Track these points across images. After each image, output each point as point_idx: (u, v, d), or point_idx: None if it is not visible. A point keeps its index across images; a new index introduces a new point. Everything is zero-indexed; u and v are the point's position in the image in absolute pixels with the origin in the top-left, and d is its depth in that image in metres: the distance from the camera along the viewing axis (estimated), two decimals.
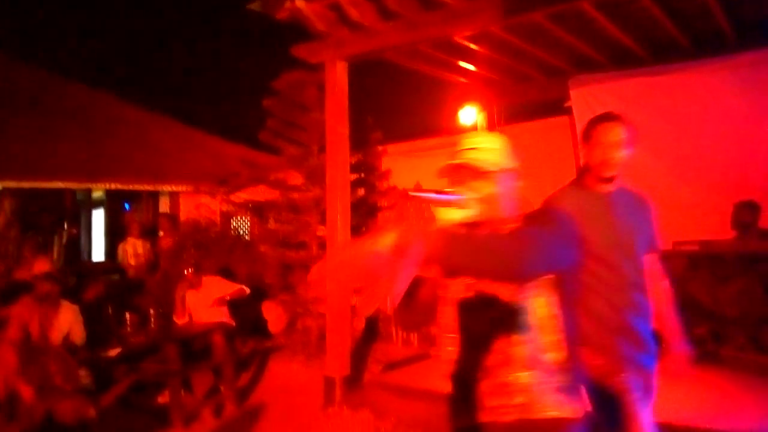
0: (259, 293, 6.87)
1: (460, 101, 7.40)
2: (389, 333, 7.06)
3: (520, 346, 1.55)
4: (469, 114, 7.33)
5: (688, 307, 4.73)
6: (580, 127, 6.27)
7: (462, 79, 6.66)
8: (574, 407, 1.57)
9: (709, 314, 4.57)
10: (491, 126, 7.21)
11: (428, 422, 4.23)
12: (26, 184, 6.57)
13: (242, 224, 9.01)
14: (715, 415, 3.50)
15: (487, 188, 1.63)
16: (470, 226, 1.62)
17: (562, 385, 1.55)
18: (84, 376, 4.32)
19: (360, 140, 6.76)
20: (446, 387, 1.76)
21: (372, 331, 7.05)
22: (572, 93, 6.32)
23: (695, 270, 4.81)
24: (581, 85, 6.24)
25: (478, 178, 1.63)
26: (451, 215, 1.59)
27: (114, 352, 4.58)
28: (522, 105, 7.58)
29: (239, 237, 8.72)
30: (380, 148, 7.39)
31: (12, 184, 6.27)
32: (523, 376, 1.54)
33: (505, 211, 1.67)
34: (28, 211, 6.96)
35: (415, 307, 1.71)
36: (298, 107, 6.87)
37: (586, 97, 6.24)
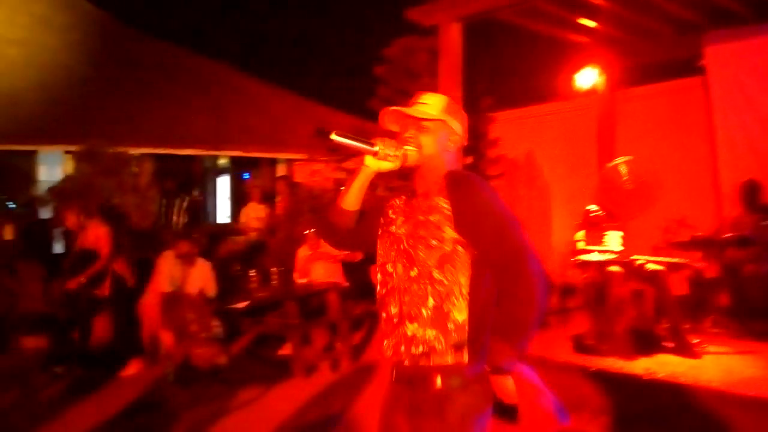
0: (370, 259, 7.07)
1: (578, 64, 7.02)
2: None
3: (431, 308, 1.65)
4: (588, 77, 6.95)
5: None
6: (716, 89, 5.80)
7: (582, 39, 6.31)
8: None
9: None
10: (612, 89, 6.80)
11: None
12: (161, 151, 7.17)
13: None
14: None
15: (423, 135, 1.76)
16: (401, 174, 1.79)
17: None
18: (216, 326, 4.71)
19: (469, 106, 6.67)
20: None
21: None
22: (707, 51, 5.78)
23: None
24: (718, 41, 5.69)
25: (416, 127, 1.77)
26: (375, 162, 1.73)
27: (242, 305, 4.93)
28: (647, 66, 7.07)
29: None
30: (490, 115, 7.25)
31: (150, 150, 6.88)
32: (429, 333, 1.64)
33: (435, 167, 1.77)
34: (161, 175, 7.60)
35: None
36: (409, 74, 6.90)
37: (724, 55, 5.69)
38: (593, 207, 5.15)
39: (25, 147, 7.26)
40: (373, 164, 1.74)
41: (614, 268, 4.49)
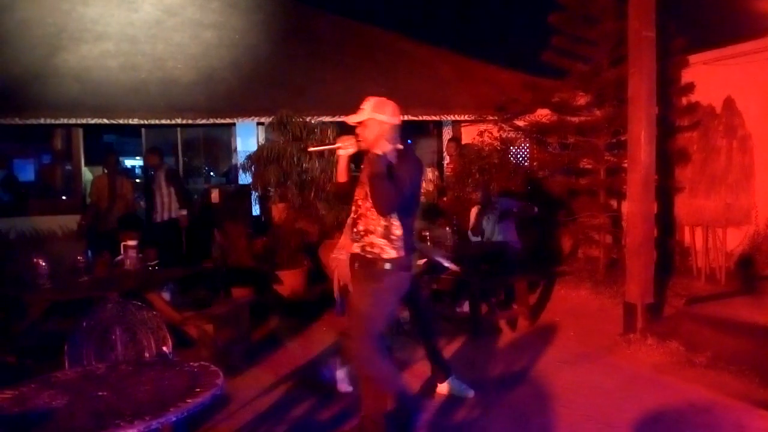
0: (544, 220, 6.84)
1: None
2: (689, 267, 6.42)
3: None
4: None
5: None
6: None
7: None
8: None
9: None
10: None
11: (755, 360, 3.77)
12: (337, 118, 7.57)
13: (521, 151, 8.99)
14: None
15: (364, 130, 2.90)
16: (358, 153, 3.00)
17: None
18: None
19: (658, 49, 6.02)
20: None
21: (668, 264, 6.49)
22: None
23: None
24: None
25: (359, 126, 2.92)
26: (344, 151, 2.97)
27: (420, 263, 5.07)
28: None
29: (518, 164, 8.75)
30: (683, 57, 6.48)
31: (327, 118, 7.29)
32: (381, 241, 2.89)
33: (382, 143, 2.85)
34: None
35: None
36: (587, 20, 6.42)
37: None
38: None
39: (225, 120, 8.13)
40: (342, 153, 2.98)
41: None
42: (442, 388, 3.66)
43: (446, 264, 4.94)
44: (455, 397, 3.59)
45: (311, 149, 3.08)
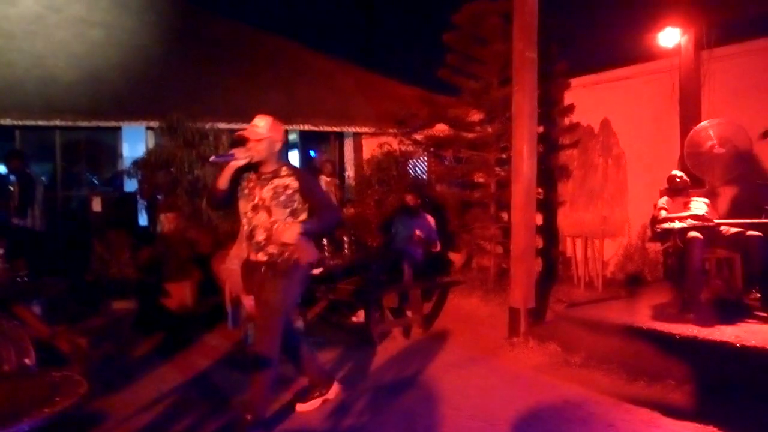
0: (439, 230, 7.04)
1: (658, 23, 6.63)
2: (570, 276, 6.85)
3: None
4: (669, 36, 6.55)
5: None
6: None
7: None
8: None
9: None
10: (696, 49, 6.36)
11: (623, 358, 4.07)
12: (233, 125, 7.38)
13: (420, 164, 9.22)
14: None
15: (258, 145, 3.16)
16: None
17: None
18: None
19: (541, 72, 6.44)
20: None
21: (550, 272, 6.90)
22: None
23: None
24: None
25: (254, 140, 3.16)
26: (236, 162, 3.10)
27: (316, 272, 5.02)
28: (737, 22, 6.56)
29: (417, 177, 8.97)
30: (564, 80, 6.97)
31: (223, 124, 7.09)
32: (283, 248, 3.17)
33: (271, 159, 3.21)
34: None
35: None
36: (478, 40, 6.72)
37: None
38: (678, 173, 4.90)
39: (110, 123, 7.65)
40: (234, 163, 3.10)
41: (694, 234, 4.27)
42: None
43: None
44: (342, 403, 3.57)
45: (212, 159, 3.30)
